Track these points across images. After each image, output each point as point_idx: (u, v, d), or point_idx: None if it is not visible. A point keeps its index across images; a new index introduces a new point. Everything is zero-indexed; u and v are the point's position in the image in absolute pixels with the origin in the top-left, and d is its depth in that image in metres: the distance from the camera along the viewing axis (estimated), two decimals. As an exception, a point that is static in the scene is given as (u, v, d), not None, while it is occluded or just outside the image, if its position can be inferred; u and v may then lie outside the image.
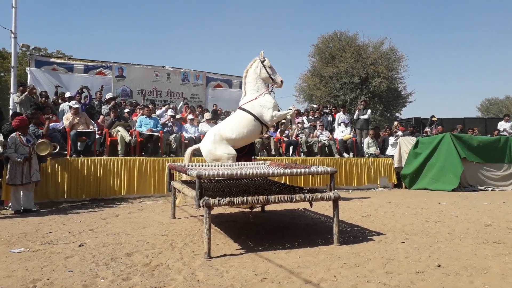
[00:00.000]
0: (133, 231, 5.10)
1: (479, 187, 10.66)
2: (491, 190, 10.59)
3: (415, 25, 65.52)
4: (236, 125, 6.86)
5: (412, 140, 11.55)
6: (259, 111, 6.89)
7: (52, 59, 15.36)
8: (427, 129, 14.13)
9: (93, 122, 9.39)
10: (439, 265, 3.54)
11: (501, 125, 14.71)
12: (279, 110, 7.22)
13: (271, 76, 7.04)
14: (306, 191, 4.71)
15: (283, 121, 8.33)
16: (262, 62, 7.04)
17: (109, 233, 4.95)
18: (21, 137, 6.66)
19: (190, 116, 11.09)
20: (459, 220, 5.91)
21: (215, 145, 6.71)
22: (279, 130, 8.21)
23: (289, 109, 7.70)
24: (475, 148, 10.84)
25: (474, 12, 67.01)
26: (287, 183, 8.25)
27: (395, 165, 11.56)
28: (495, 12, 65.80)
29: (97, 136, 9.34)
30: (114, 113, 9.72)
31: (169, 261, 3.70)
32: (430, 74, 70.11)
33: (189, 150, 7.07)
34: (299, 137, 11.64)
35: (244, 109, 6.97)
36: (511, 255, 3.90)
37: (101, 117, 10.39)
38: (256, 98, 6.93)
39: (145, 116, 9.96)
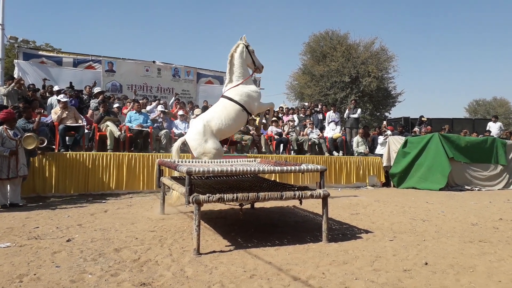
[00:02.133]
0: (122, 226, 5.06)
1: (466, 187, 10.80)
2: (478, 190, 10.75)
3: (405, 25, 66.10)
4: (226, 116, 6.55)
5: (401, 139, 11.65)
6: (247, 101, 6.68)
7: (40, 52, 15.16)
8: (416, 128, 14.28)
9: (82, 117, 9.28)
10: (426, 263, 3.58)
11: (490, 126, 14.93)
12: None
13: (255, 61, 6.88)
14: (296, 188, 4.72)
15: (264, 121, 8.16)
16: (247, 47, 6.80)
17: (98, 229, 4.90)
18: (8, 130, 6.55)
19: (180, 112, 11.03)
20: (446, 219, 5.99)
21: (205, 137, 6.35)
22: (261, 124, 8.00)
23: (271, 102, 7.57)
24: (462, 148, 10.99)
25: (463, 14, 67.85)
26: (277, 180, 8.27)
27: (384, 164, 11.66)
28: (484, 14, 66.72)
29: (86, 130, 9.24)
30: (103, 107, 9.62)
31: (158, 257, 3.69)
32: (420, 75, 70.89)
33: (177, 144, 6.63)
34: (289, 135, 11.67)
35: (230, 98, 6.68)
36: (496, 254, 3.97)
37: (90, 111, 10.28)
38: (240, 85, 6.68)
39: (135, 111, 9.89)
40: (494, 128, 14.65)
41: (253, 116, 7.14)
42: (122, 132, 9.18)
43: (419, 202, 7.95)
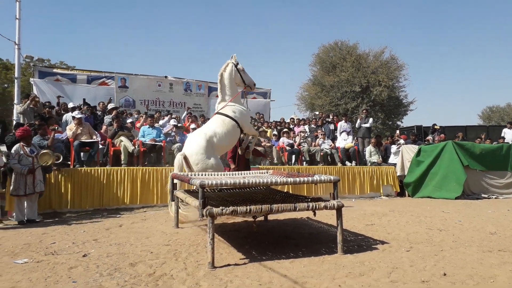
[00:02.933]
0: (137, 241, 5.09)
1: (483, 195, 10.60)
2: (495, 198, 10.54)
3: (415, 34, 65.88)
4: (226, 131, 6.60)
5: (414, 148, 11.53)
6: (240, 118, 6.79)
7: (55, 70, 15.54)
8: (429, 137, 14.13)
9: (96, 132, 9.43)
10: (445, 274, 3.52)
11: (505, 132, 14.69)
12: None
13: (244, 80, 7.00)
14: (309, 200, 4.70)
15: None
16: (235, 66, 6.93)
17: (113, 243, 4.94)
18: (25, 147, 6.69)
19: (192, 126, 11.12)
20: (464, 228, 5.88)
21: (208, 153, 6.30)
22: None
23: (260, 130, 7.63)
24: (477, 156, 10.82)
25: (474, 20, 67.36)
26: (290, 192, 8.23)
27: (398, 173, 11.53)
28: (495, 20, 66.12)
29: (100, 146, 9.37)
30: (117, 123, 9.76)
31: (173, 271, 3.69)
32: (431, 83, 70.25)
33: (179, 161, 6.33)
34: (301, 146, 11.65)
35: (227, 115, 6.74)
36: (517, 263, 3.88)
37: (104, 127, 10.43)
38: (232, 104, 6.82)
39: (148, 126, 10.01)
40: (509, 134, 14.40)
41: (264, 128, 7.22)
42: (136, 146, 9.29)
43: (435, 211, 7.83)
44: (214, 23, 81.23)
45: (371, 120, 13.50)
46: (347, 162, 11.77)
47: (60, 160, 7.40)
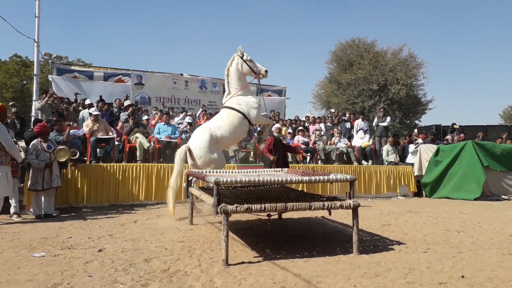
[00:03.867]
0: (151, 237, 5.12)
1: (503, 196, 10.36)
2: (515, 199, 10.29)
3: (434, 31, 64.66)
4: (231, 124, 6.66)
5: (432, 148, 11.32)
6: (245, 109, 6.77)
7: (73, 67, 15.76)
8: (448, 136, 13.86)
9: (112, 129, 9.53)
10: (463, 276, 3.43)
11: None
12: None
13: (253, 69, 6.90)
14: (324, 199, 4.65)
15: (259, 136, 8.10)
16: (241, 58, 6.89)
17: (128, 239, 4.97)
18: (42, 143, 6.80)
19: (207, 123, 11.15)
20: (483, 230, 5.74)
21: (211, 147, 6.44)
22: (257, 138, 8.08)
23: (271, 120, 7.57)
24: (498, 156, 10.57)
25: (495, 18, 65.73)
26: (305, 190, 8.18)
27: (415, 173, 11.34)
28: (517, 18, 64.41)
29: (116, 142, 9.47)
30: (133, 119, 9.84)
31: (187, 267, 3.70)
32: (451, 81, 68.88)
33: (181, 153, 6.52)
34: (316, 144, 11.56)
35: (231, 108, 6.78)
36: (539, 267, 3.76)
37: (120, 123, 10.54)
38: (238, 95, 6.80)
39: (163, 123, 10.07)
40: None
41: (255, 125, 7.15)
42: (151, 143, 9.36)
43: (453, 212, 7.67)
44: (229, 21, 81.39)
45: (388, 118, 13.30)
46: (363, 161, 11.64)
47: (77, 156, 7.50)
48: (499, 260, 4.02)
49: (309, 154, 11.12)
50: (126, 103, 12.04)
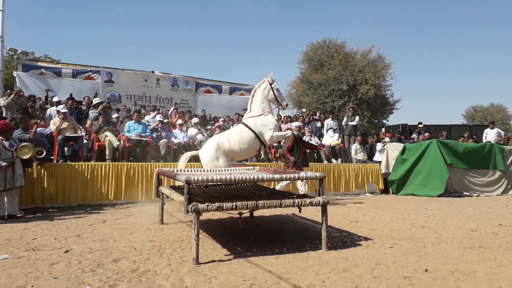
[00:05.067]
0: (120, 237, 5.04)
1: (465, 193, 10.80)
2: (476, 196, 10.75)
3: (401, 33, 66.45)
4: (239, 139, 7.03)
5: (399, 146, 11.67)
6: (260, 130, 7.11)
7: (40, 63, 15.25)
8: (414, 135, 14.31)
9: (80, 127, 9.30)
10: (426, 270, 3.57)
11: (487, 132, 14.94)
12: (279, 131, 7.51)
13: (278, 99, 7.31)
14: (295, 196, 4.71)
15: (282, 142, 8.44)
16: (270, 84, 7.28)
17: (96, 239, 4.88)
18: (4, 141, 6.54)
19: (179, 121, 11.06)
20: (446, 225, 5.98)
21: (217, 155, 6.80)
22: (278, 153, 8.58)
23: (288, 129, 7.84)
24: (460, 154, 11.00)
25: (458, 22, 68.29)
26: (276, 188, 8.25)
27: (383, 171, 11.66)
28: (480, 22, 67.16)
29: (85, 141, 9.24)
30: (103, 118, 9.63)
31: (156, 267, 3.67)
32: (417, 82, 71.09)
33: (187, 154, 7.09)
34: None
35: (246, 125, 7.17)
36: (496, 259, 3.95)
37: (89, 121, 10.29)
38: (259, 116, 7.16)
39: (133, 121, 9.90)
40: (491, 134, 14.67)
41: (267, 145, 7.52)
42: (121, 142, 9.19)
43: (418, 208, 7.94)
44: (202, 19, 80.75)
45: (357, 118, 13.61)
46: (333, 160, 11.86)
47: (43, 155, 7.27)
48: (461, 254, 4.20)
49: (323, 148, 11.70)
50: (96, 100, 11.76)
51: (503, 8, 60.26)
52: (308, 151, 9.82)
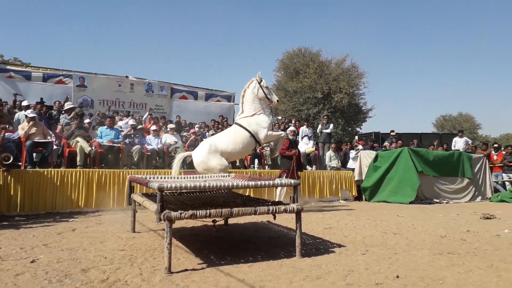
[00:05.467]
0: (90, 246, 4.90)
1: (435, 200, 11.08)
2: (446, 202, 11.05)
3: (375, 43, 68.15)
4: (233, 139, 7.12)
5: (372, 154, 11.88)
6: (255, 129, 7.20)
7: (8, 66, 14.77)
8: (386, 143, 14.62)
9: (50, 133, 9.03)
10: (398, 276, 3.62)
11: (456, 141, 15.43)
12: (273, 130, 7.69)
13: (267, 96, 7.42)
14: (270, 203, 4.71)
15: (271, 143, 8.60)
16: (259, 83, 7.39)
17: (64, 248, 4.72)
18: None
19: (153, 127, 10.91)
20: (416, 232, 6.10)
21: (209, 156, 6.87)
22: (269, 149, 8.83)
23: (281, 131, 7.98)
24: (431, 162, 11.31)
25: (429, 35, 70.66)
26: (252, 195, 8.24)
27: (356, 178, 11.84)
28: (448, 35, 69.70)
29: (55, 146, 8.98)
30: (76, 124, 9.37)
31: (127, 276, 3.58)
32: (389, 91, 72.93)
33: (180, 156, 7.12)
34: (263, 150, 11.71)
35: (240, 125, 7.25)
36: (464, 265, 4.05)
37: (59, 127, 10.01)
38: (252, 116, 7.26)
39: (106, 126, 9.70)
40: (460, 142, 15.16)
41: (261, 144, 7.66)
42: (93, 147, 8.98)
43: (390, 215, 8.08)
44: (178, 24, 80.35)
45: (331, 126, 13.82)
46: (307, 166, 11.95)
47: (10, 161, 7.01)
48: (431, 260, 4.29)
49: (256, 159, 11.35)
50: (67, 105, 11.47)
51: (470, 22, 62.78)
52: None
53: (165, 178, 5.73)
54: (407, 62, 75.00)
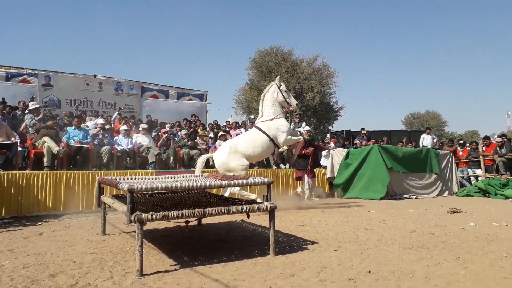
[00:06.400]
0: (58, 250, 4.74)
1: (404, 196, 11.37)
2: (415, 198, 11.35)
3: (345, 43, 69.32)
4: (252, 143, 7.41)
5: (343, 151, 12.07)
6: (274, 133, 7.45)
7: (-33, 65, 14.09)
8: (356, 141, 14.88)
9: (15, 134, 8.68)
10: (369, 271, 3.68)
11: (424, 137, 15.89)
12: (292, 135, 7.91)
13: (287, 100, 7.65)
14: (243, 202, 4.69)
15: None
16: (279, 87, 7.64)
17: (31, 253, 4.55)
18: None
19: (124, 127, 10.67)
20: (387, 227, 6.24)
21: (229, 157, 7.26)
22: (288, 153, 9.10)
23: (299, 135, 8.56)
24: (400, 158, 11.59)
25: (398, 35, 72.49)
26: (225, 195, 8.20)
27: (328, 175, 11.99)
28: (417, 36, 71.76)
29: (20, 148, 8.64)
30: (50, 125, 9.06)
31: (97, 280, 3.48)
32: (360, 90, 74.44)
33: (203, 158, 7.59)
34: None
35: (260, 129, 7.49)
36: (433, 258, 4.17)
37: (23, 124, 9.64)
38: (272, 120, 7.46)
39: (74, 127, 9.42)
40: (427, 139, 15.61)
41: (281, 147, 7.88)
42: (61, 147, 8.69)
43: (361, 211, 8.23)
44: (149, 23, 79.06)
45: (304, 124, 13.93)
46: (281, 165, 12.01)
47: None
48: (401, 254, 4.39)
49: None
50: (32, 104, 11.04)
51: (436, 22, 64.78)
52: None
53: (135, 179, 5.61)
54: (377, 61, 76.77)
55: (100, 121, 10.71)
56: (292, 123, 13.75)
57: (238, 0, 71.54)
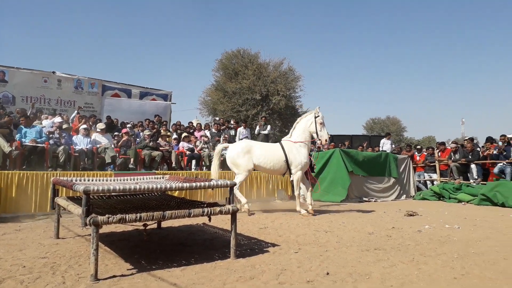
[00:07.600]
0: (7, 254, 4.49)
1: (364, 198, 11.66)
2: (374, 201, 11.67)
3: (310, 48, 70.54)
4: (268, 153, 7.74)
5: (306, 154, 12.19)
6: (291, 157, 7.76)
7: None
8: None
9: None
10: (328, 273, 3.73)
11: (384, 142, 16.37)
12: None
13: (318, 132, 7.85)
14: (205, 205, 4.63)
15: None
16: (315, 117, 7.85)
17: (-24, 259, 4.28)
18: None
19: (83, 126, 10.29)
20: (346, 229, 6.36)
21: (240, 154, 7.69)
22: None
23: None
24: (360, 162, 11.88)
25: (360, 43, 74.63)
26: (188, 197, 8.07)
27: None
28: (378, 42, 74.14)
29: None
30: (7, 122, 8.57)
31: (48, 286, 3.32)
32: (323, 94, 76.00)
33: (218, 148, 8.20)
34: (201, 151, 11.56)
35: (282, 146, 7.83)
36: (389, 260, 4.29)
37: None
38: (296, 143, 7.83)
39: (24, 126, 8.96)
40: (387, 144, 16.10)
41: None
42: (13, 148, 8.26)
43: (322, 214, 8.35)
44: (111, 20, 77.08)
45: (269, 127, 14.02)
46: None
47: None
48: (359, 256, 4.48)
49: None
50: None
51: (398, 29, 67.19)
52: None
53: (93, 180, 5.42)
54: (339, 66, 78.67)
55: (58, 119, 10.27)
56: (258, 126, 13.79)
57: (206, 1, 71.14)
